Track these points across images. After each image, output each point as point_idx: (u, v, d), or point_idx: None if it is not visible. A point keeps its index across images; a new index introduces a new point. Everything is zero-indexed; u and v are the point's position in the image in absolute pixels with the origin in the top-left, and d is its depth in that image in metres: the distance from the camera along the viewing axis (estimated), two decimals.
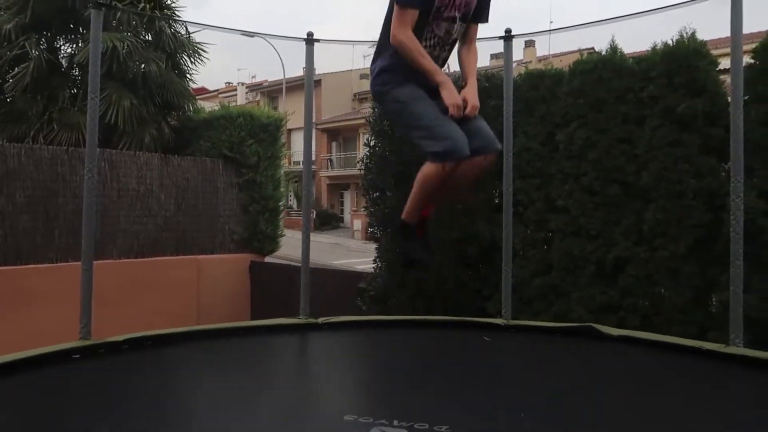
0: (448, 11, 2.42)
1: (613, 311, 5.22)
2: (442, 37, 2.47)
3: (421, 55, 2.33)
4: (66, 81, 9.81)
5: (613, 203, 5.36)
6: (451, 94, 2.33)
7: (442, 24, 2.44)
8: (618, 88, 5.35)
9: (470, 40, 2.63)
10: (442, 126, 2.29)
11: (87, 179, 3.20)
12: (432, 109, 2.34)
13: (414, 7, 2.31)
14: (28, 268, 7.20)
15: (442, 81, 2.35)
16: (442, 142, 2.29)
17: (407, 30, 2.32)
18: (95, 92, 3.24)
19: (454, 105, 2.31)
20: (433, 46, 2.45)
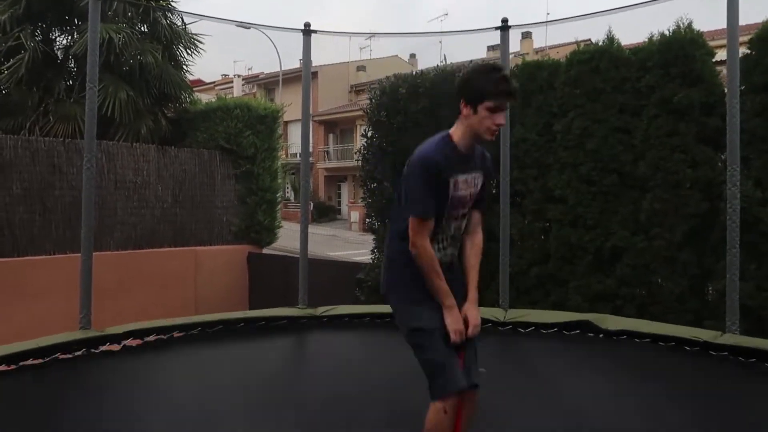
0: (457, 210, 2.41)
1: (610, 300, 5.25)
2: (453, 235, 2.45)
3: (437, 274, 2.32)
4: (61, 73, 9.75)
5: (610, 193, 5.38)
6: (455, 321, 2.31)
7: (453, 224, 2.42)
8: (615, 78, 5.36)
9: (474, 228, 2.56)
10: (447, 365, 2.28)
11: (86, 169, 3.19)
12: (439, 349, 2.30)
13: (432, 217, 2.30)
14: (25, 260, 7.20)
15: (449, 305, 2.32)
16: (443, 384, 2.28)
17: (426, 240, 2.31)
18: (93, 82, 3.24)
19: (456, 332, 2.31)
20: (446, 246, 2.43)
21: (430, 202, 2.30)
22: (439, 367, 2.28)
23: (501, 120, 2.28)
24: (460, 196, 2.38)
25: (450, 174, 2.32)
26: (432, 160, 2.29)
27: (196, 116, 9.69)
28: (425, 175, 2.29)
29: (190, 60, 10.54)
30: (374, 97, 6.78)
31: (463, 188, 2.38)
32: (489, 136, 2.32)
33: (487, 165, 2.51)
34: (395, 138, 6.46)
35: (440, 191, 2.31)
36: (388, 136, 6.56)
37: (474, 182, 2.44)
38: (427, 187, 2.28)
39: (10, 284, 6.82)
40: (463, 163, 2.37)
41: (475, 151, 2.43)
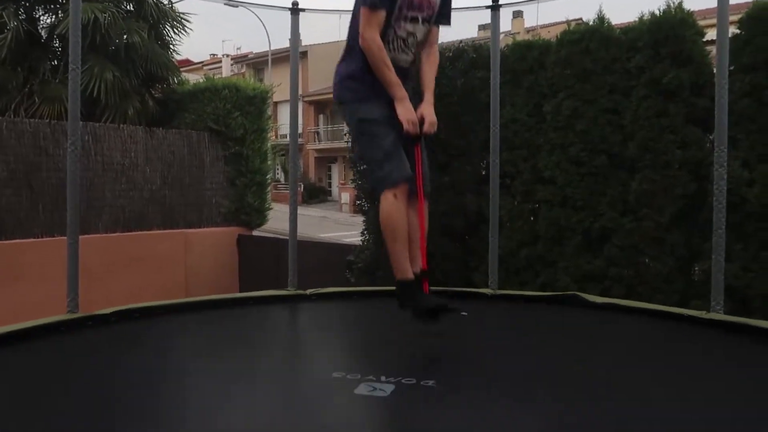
0: (412, 11, 2.44)
1: (599, 281, 5.29)
2: (405, 38, 2.48)
3: (386, 65, 2.36)
4: (46, 53, 9.61)
5: (599, 174, 5.39)
6: (407, 111, 2.39)
7: (405, 25, 2.45)
8: (605, 58, 5.34)
9: (431, 44, 2.65)
10: (390, 160, 2.35)
11: (70, 152, 3.16)
12: (386, 138, 2.34)
13: (382, 9, 2.33)
14: (12, 243, 7.15)
15: (400, 96, 2.40)
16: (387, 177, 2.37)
17: (375, 33, 2.34)
18: (76, 63, 3.18)
19: (409, 121, 2.38)
20: (395, 48, 2.46)
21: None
22: (387, 155, 2.37)
23: None
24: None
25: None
26: None
27: (184, 97, 9.59)
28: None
29: (177, 40, 10.42)
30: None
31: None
32: None
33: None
34: None
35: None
36: None
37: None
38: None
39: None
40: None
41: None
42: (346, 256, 6.99)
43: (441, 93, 6.14)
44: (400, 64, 2.49)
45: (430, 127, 2.48)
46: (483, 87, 5.86)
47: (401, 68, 2.50)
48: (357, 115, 2.46)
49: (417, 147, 2.42)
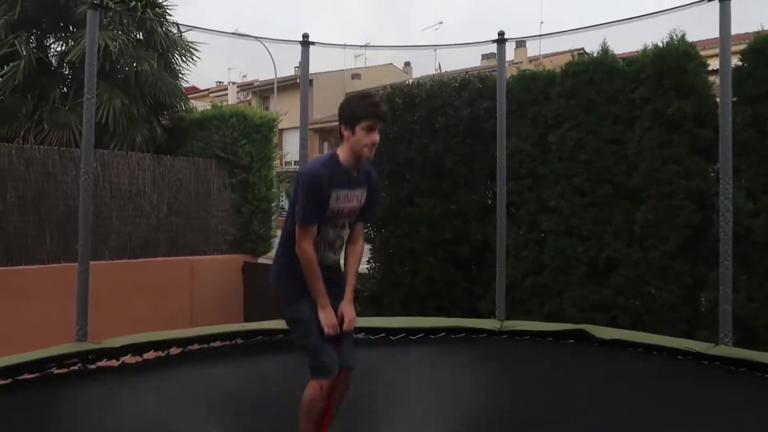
0: (340, 219, 2.74)
1: (605, 310, 5.28)
2: (333, 241, 2.77)
3: (315, 274, 2.63)
4: (56, 80, 9.74)
5: (604, 204, 5.42)
6: (328, 316, 2.64)
7: (333, 230, 2.74)
8: (609, 89, 5.42)
9: (356, 238, 2.88)
10: (322, 352, 2.64)
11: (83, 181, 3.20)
12: (313, 335, 2.64)
13: (315, 224, 2.63)
14: (20, 269, 7.16)
15: (322, 304, 2.65)
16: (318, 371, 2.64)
17: (309, 244, 2.63)
18: (91, 93, 3.25)
19: (330, 326, 2.63)
20: (324, 249, 2.74)
21: (313, 212, 2.60)
22: (315, 352, 2.63)
23: (375, 138, 2.61)
24: (340, 208, 2.69)
25: (332, 188, 2.62)
26: (317, 176, 2.61)
27: (192, 125, 9.69)
28: (311, 188, 2.60)
29: (185, 68, 10.56)
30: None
31: (343, 202, 2.69)
32: (368, 152, 2.65)
33: (371, 181, 2.83)
34: (391, 148, 6.48)
35: (323, 203, 2.61)
36: (385, 146, 6.58)
37: (358, 198, 2.76)
38: (311, 199, 2.59)
39: (4, 294, 6.78)
40: (347, 180, 2.69)
41: (360, 170, 2.74)
42: None
43: (447, 123, 6.26)
44: (328, 262, 2.77)
45: (349, 324, 2.71)
46: (488, 117, 5.95)
47: (329, 266, 2.77)
48: (290, 310, 2.75)
49: (336, 344, 2.69)
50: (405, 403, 2.86)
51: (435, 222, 6.26)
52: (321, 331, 2.63)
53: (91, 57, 3.30)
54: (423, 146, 6.33)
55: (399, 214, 6.46)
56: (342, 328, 2.67)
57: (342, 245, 2.82)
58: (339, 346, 2.69)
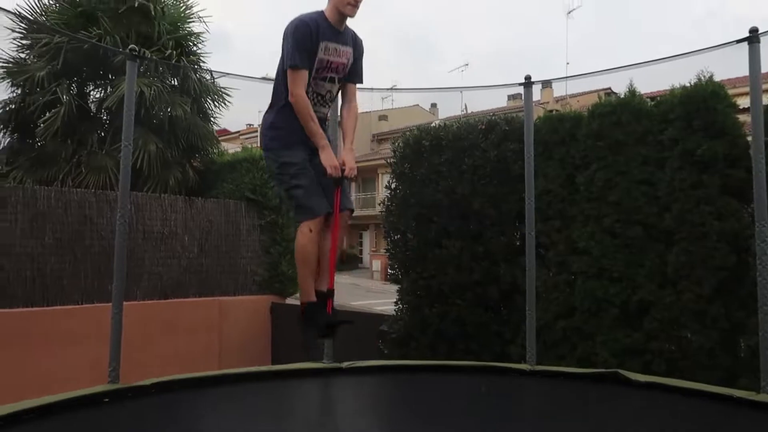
0: (329, 72, 2.89)
1: (639, 355, 5.15)
2: (323, 95, 2.92)
3: (311, 118, 2.75)
4: (94, 125, 10.11)
5: (635, 245, 5.34)
6: (329, 157, 2.77)
7: (322, 84, 2.89)
8: (637, 130, 5.40)
9: (349, 99, 3.07)
10: (311, 193, 2.76)
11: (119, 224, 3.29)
12: (306, 180, 2.77)
13: (304, 68, 2.77)
14: (55, 309, 7.31)
15: (323, 145, 2.77)
16: (306, 212, 2.77)
17: (302, 90, 2.76)
18: (129, 140, 3.36)
19: (331, 167, 2.75)
20: (315, 102, 2.89)
21: (300, 55, 2.73)
22: (306, 194, 2.72)
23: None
24: (328, 60, 2.84)
25: (319, 37, 2.78)
26: (303, 22, 2.78)
27: (223, 167, 9.91)
28: (297, 34, 2.75)
29: (217, 112, 10.88)
30: (398, 150, 6.89)
31: (332, 54, 2.85)
32: (351, 9, 2.81)
33: (357, 44, 3.01)
34: (419, 190, 6.52)
35: (310, 48, 2.75)
36: (412, 188, 6.64)
37: (346, 55, 2.92)
38: (298, 44, 2.73)
39: (40, 333, 6.91)
40: (333, 34, 2.84)
41: (346, 31, 2.93)
42: (379, 326, 6.94)
43: (474, 164, 6.28)
44: (320, 115, 2.91)
45: (350, 171, 2.84)
46: (516, 158, 5.96)
47: (320, 119, 2.91)
48: (280, 159, 2.85)
49: (338, 188, 2.81)
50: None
51: (463, 264, 6.23)
52: (311, 177, 2.75)
53: (129, 105, 3.43)
54: (450, 188, 6.36)
55: (426, 255, 6.45)
56: (343, 173, 2.79)
57: (332, 100, 3.01)
58: (340, 188, 2.80)
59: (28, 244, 7.35)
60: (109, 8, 9.85)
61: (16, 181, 9.14)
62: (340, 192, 2.80)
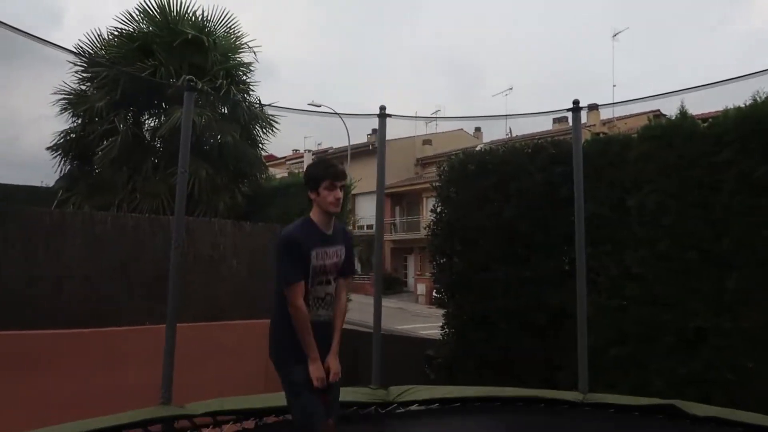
0: (325, 276, 2.97)
1: (696, 385, 4.96)
2: (323, 297, 3.00)
3: (307, 330, 2.85)
4: (149, 153, 10.47)
5: (690, 270, 5.18)
6: (316, 370, 2.86)
7: (320, 288, 2.97)
8: (689, 153, 5.27)
9: (338, 295, 3.10)
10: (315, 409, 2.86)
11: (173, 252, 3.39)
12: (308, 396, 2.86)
13: (300, 281, 2.87)
14: (108, 330, 7.51)
15: (313, 358, 2.87)
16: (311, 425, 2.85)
17: (300, 300, 2.86)
18: (185, 167, 3.48)
19: (318, 379, 2.85)
20: (317, 306, 2.97)
21: (294, 270, 2.85)
22: (309, 413, 2.84)
23: (338, 194, 2.94)
24: (321, 264, 2.93)
25: (310, 247, 2.88)
26: (293, 237, 2.90)
27: (271, 192, 10.10)
28: (288, 249, 2.88)
29: (265, 139, 11.13)
30: (443, 174, 6.91)
31: (323, 258, 2.94)
32: (333, 208, 2.94)
33: (346, 237, 3.12)
34: (464, 213, 6.51)
35: (302, 260, 2.86)
36: (457, 212, 6.63)
37: (336, 254, 3.01)
38: (291, 258, 2.85)
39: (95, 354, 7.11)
40: (323, 238, 2.94)
41: (335, 229, 3.03)
42: (425, 350, 6.90)
43: (521, 188, 6.24)
44: (321, 319, 2.98)
45: (335, 376, 2.93)
46: (563, 181, 5.89)
47: (322, 323, 2.98)
48: (287, 371, 2.95)
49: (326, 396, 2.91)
50: None
51: (510, 288, 6.16)
52: (310, 389, 2.83)
53: (185, 134, 3.56)
54: (496, 211, 6.32)
55: (473, 279, 6.41)
56: (328, 379, 2.87)
57: (331, 301, 3.04)
58: (327, 397, 2.89)
59: (85, 267, 7.61)
60: (164, 41, 10.25)
61: (75, 206, 9.51)
62: (328, 399, 2.91)
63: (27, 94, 44.85)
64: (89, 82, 10.52)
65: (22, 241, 7.13)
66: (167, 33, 10.31)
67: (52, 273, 7.27)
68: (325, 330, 2.96)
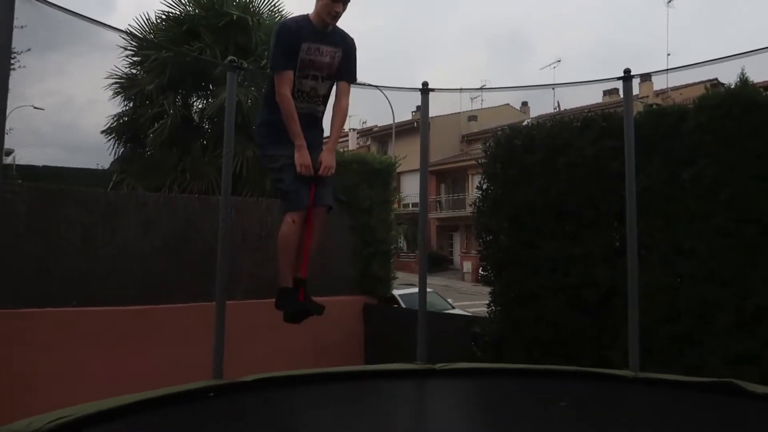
0: (312, 71, 3.06)
1: (756, 364, 4.78)
2: (307, 92, 3.09)
3: (292, 118, 2.95)
4: (197, 134, 10.70)
5: (749, 245, 4.97)
6: (301, 156, 2.93)
7: (306, 82, 3.06)
8: (750, 123, 5.02)
9: (339, 97, 3.20)
10: (293, 191, 2.95)
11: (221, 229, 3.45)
12: (291, 174, 2.94)
13: (288, 70, 2.98)
14: (162, 307, 7.77)
15: (298, 145, 2.95)
16: (290, 203, 2.98)
17: (287, 89, 2.96)
18: (230, 147, 3.53)
19: (302, 165, 2.93)
20: (300, 99, 3.06)
21: (283, 58, 2.96)
22: (286, 188, 2.94)
23: (337, 8, 2.97)
24: (310, 59, 3.02)
25: (300, 39, 2.97)
26: (285, 26, 3.06)
27: None
28: (279, 38, 2.98)
29: None
30: (489, 150, 6.80)
31: (314, 54, 3.02)
32: (329, 19, 3.00)
33: (347, 42, 3.16)
34: (511, 190, 6.40)
35: (291, 49, 2.95)
36: (504, 188, 6.52)
37: (330, 54, 3.08)
38: (281, 47, 2.96)
39: (150, 330, 7.37)
40: (315, 35, 3.01)
41: (334, 32, 3.09)
42: (472, 328, 6.87)
43: (569, 163, 6.08)
44: (303, 111, 3.06)
45: (325, 170, 3.02)
46: (614, 155, 5.70)
47: (307, 114, 3.10)
48: (269, 153, 3.08)
49: (312, 185, 2.98)
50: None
51: (558, 265, 6.04)
52: (294, 173, 2.91)
53: (230, 114, 3.59)
54: (544, 187, 6.19)
55: (520, 257, 6.31)
56: (318, 172, 2.96)
57: (318, 98, 3.14)
58: (314, 187, 2.98)
59: (139, 247, 7.86)
60: (209, 23, 10.38)
61: (128, 188, 9.82)
62: (314, 188, 2.98)
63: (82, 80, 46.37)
64: (139, 66, 10.77)
65: (81, 223, 7.41)
66: (213, 15, 10.43)
67: (108, 252, 7.54)
68: (309, 123, 3.07)
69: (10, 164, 15.23)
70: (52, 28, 4.53)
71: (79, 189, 7.52)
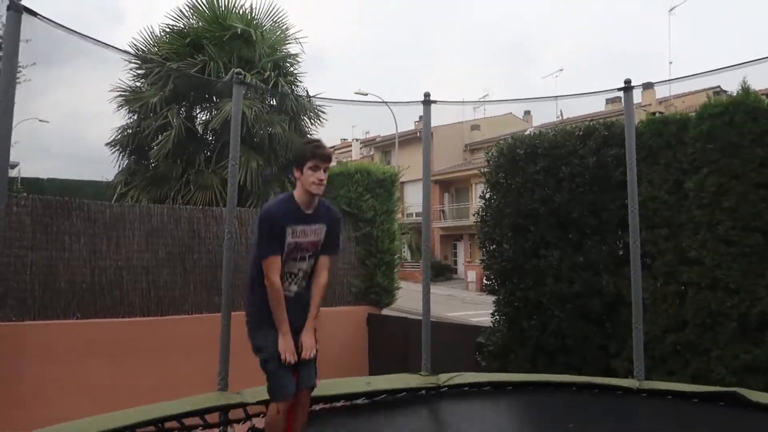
0: (296, 253, 3.01)
1: (761, 372, 4.76)
2: (296, 273, 3.04)
3: (279, 305, 2.91)
4: (201, 145, 10.73)
5: (754, 254, 4.96)
6: (285, 344, 2.90)
7: (293, 263, 3.01)
8: (753, 131, 5.03)
9: (318, 272, 3.14)
10: (280, 377, 2.92)
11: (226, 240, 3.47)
12: (275, 365, 2.91)
13: (274, 255, 2.92)
14: (167, 319, 7.78)
15: (283, 332, 2.92)
16: (276, 392, 2.93)
17: (275, 275, 2.91)
18: (235, 159, 3.55)
19: (286, 352, 2.88)
20: (289, 282, 3.02)
21: (268, 245, 2.90)
22: (273, 377, 2.91)
23: (321, 176, 2.97)
24: (297, 242, 2.97)
25: (286, 224, 2.93)
26: (270, 213, 2.98)
27: None
28: (265, 225, 2.92)
29: (314, 129, 11.23)
30: (492, 159, 6.81)
31: (300, 236, 2.98)
32: (316, 189, 2.98)
33: (331, 217, 3.15)
34: (514, 199, 6.41)
35: (277, 236, 2.90)
36: (507, 197, 6.53)
37: (315, 232, 3.04)
38: (267, 234, 2.90)
39: (155, 342, 7.37)
40: (300, 217, 2.98)
41: (318, 208, 3.07)
42: (476, 338, 6.86)
43: (572, 172, 6.09)
44: (292, 294, 3.03)
45: (307, 353, 2.97)
46: (616, 164, 5.73)
47: (292, 298, 3.02)
48: (256, 339, 3.01)
49: (295, 372, 2.95)
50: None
51: (562, 274, 6.04)
52: (279, 360, 2.87)
53: (235, 127, 3.62)
54: (547, 196, 6.20)
55: (523, 266, 6.31)
56: (300, 355, 2.91)
57: (305, 277, 3.09)
58: (298, 372, 2.94)
59: (143, 258, 7.89)
60: (213, 36, 10.46)
61: (133, 199, 9.85)
62: (299, 373, 2.96)
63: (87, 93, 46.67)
64: (143, 78, 10.84)
65: (86, 235, 7.44)
66: (216, 28, 10.51)
67: (113, 264, 7.57)
68: (296, 304, 3.02)
69: (15, 177, 15.33)
70: (57, 41, 4.59)
71: (84, 201, 7.55)
